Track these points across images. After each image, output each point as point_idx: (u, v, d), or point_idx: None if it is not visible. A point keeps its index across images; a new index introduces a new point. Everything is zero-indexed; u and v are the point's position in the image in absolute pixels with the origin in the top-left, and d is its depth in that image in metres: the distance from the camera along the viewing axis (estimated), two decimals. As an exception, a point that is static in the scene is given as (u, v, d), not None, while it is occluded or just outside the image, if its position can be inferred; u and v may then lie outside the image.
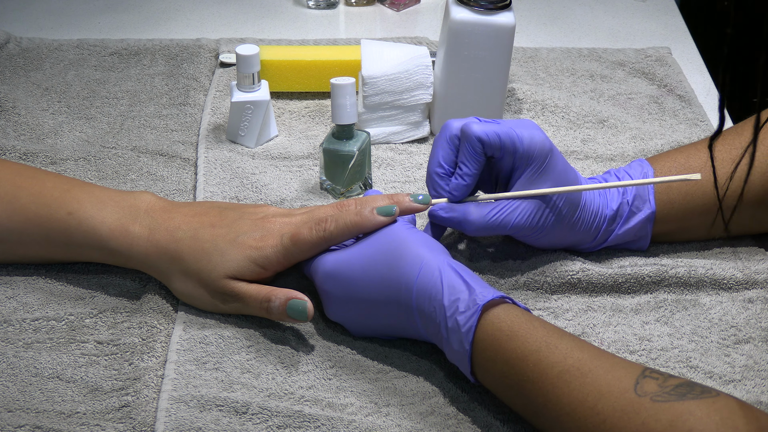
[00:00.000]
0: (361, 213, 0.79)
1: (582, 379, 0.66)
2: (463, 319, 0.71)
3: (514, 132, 0.82)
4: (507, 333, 0.70)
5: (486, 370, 0.71)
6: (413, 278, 0.74)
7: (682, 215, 0.88)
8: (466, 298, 0.72)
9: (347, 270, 0.77)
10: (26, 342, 0.80)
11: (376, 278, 0.76)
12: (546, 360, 0.68)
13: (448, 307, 0.72)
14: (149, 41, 1.27)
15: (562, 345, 0.68)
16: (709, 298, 0.86)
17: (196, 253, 0.81)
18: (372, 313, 0.77)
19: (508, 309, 0.72)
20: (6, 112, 1.11)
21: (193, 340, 0.80)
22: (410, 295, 0.74)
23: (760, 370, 0.78)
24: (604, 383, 0.65)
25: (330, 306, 0.80)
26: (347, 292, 0.77)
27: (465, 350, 0.71)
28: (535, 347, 0.69)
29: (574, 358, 0.67)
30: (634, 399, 0.63)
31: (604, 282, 0.86)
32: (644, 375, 0.65)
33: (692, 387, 0.64)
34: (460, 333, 0.71)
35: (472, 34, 1.00)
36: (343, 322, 0.80)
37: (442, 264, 0.74)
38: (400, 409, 0.74)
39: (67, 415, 0.73)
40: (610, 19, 1.41)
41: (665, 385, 0.64)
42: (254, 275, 0.80)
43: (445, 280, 0.73)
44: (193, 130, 1.10)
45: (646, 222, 0.88)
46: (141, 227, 0.83)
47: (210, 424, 0.72)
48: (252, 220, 0.83)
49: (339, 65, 1.13)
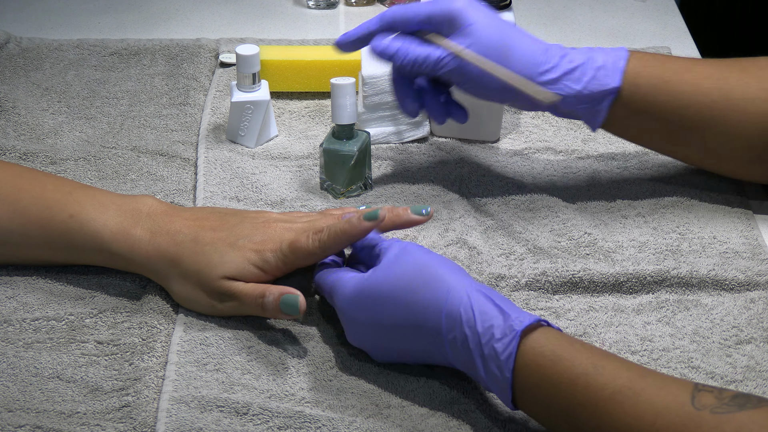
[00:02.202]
0: (350, 221, 0.78)
1: (635, 399, 0.64)
2: (501, 346, 0.69)
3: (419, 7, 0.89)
4: (550, 358, 0.68)
5: (530, 396, 0.69)
6: (441, 304, 0.72)
7: (644, 105, 0.91)
8: (501, 324, 0.70)
9: (371, 295, 0.75)
10: (26, 342, 0.80)
11: (402, 304, 0.74)
12: (596, 382, 0.66)
13: (483, 334, 0.70)
14: (149, 41, 1.27)
15: (609, 366, 0.67)
16: (711, 299, 0.85)
17: (196, 256, 0.81)
18: (399, 339, 0.75)
19: (546, 332, 0.70)
20: (6, 112, 1.11)
21: (194, 342, 0.80)
22: (439, 321, 0.72)
23: (762, 371, 0.78)
24: (659, 400, 0.63)
25: (353, 332, 0.78)
26: (371, 317, 0.75)
27: (506, 378, 0.69)
28: (582, 370, 0.67)
29: (624, 377, 0.66)
30: (693, 413, 0.62)
31: (605, 282, 0.86)
32: (698, 389, 0.64)
33: (748, 398, 0.63)
34: (498, 360, 0.69)
35: (473, 33, 1.00)
36: (367, 348, 0.78)
37: (469, 288, 0.72)
38: (401, 411, 0.74)
39: (67, 415, 0.73)
40: (610, 19, 1.41)
41: (722, 397, 0.63)
42: (253, 277, 0.80)
43: (475, 306, 0.71)
44: (193, 130, 1.10)
45: (607, 94, 0.90)
46: (142, 230, 0.83)
47: (211, 424, 0.72)
48: (253, 224, 0.83)
49: (339, 65, 1.13)
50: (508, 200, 0.98)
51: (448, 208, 0.97)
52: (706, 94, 0.91)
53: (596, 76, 0.90)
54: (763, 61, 0.93)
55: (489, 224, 0.94)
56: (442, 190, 1.00)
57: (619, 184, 1.00)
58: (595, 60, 0.91)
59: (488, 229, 0.94)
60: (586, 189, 1.00)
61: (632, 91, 0.91)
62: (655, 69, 0.92)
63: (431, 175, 1.02)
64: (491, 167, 1.03)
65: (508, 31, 0.90)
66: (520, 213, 0.96)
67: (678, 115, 0.91)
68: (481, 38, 0.89)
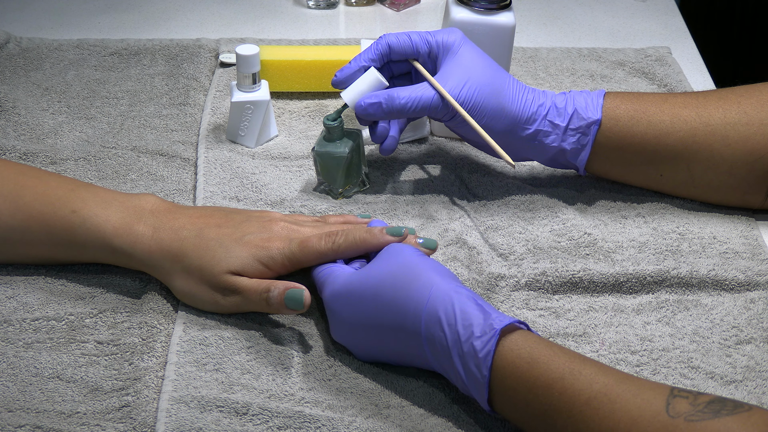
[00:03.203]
0: (371, 231, 0.80)
1: (611, 406, 0.64)
2: (480, 344, 0.69)
3: (416, 34, 0.93)
4: (527, 360, 0.68)
5: (506, 398, 0.69)
6: (422, 304, 0.73)
7: (624, 139, 0.92)
8: (481, 322, 0.70)
9: (356, 291, 0.76)
10: (26, 342, 0.80)
11: (384, 302, 0.74)
12: (572, 387, 0.66)
13: (462, 332, 0.70)
14: (149, 41, 1.27)
15: (585, 371, 0.67)
16: (711, 299, 0.86)
17: (200, 250, 0.81)
18: (379, 338, 0.76)
19: (525, 335, 0.70)
20: (6, 112, 1.11)
21: (193, 342, 0.80)
22: (419, 321, 0.73)
23: (762, 371, 0.78)
24: (634, 408, 0.63)
25: (337, 327, 0.78)
26: (355, 313, 0.76)
27: (483, 376, 0.69)
28: (559, 375, 0.67)
29: (600, 383, 0.66)
30: (667, 421, 0.62)
31: (605, 282, 0.86)
32: (673, 395, 0.64)
33: (724, 403, 0.63)
34: (477, 358, 0.69)
35: (472, 34, 1.00)
36: (349, 345, 0.79)
37: (452, 289, 0.73)
38: (401, 410, 0.74)
39: (67, 415, 0.73)
40: (610, 19, 1.41)
41: (696, 403, 0.63)
42: (257, 273, 0.80)
43: (457, 305, 0.71)
44: (193, 130, 1.10)
45: (590, 125, 0.91)
46: (145, 226, 0.83)
47: (211, 424, 0.72)
48: (259, 222, 0.83)
49: (339, 65, 1.13)
50: (508, 200, 0.98)
51: (448, 208, 0.97)
52: (686, 122, 0.91)
53: (577, 111, 0.92)
54: (741, 89, 0.94)
55: (489, 224, 0.94)
56: (442, 190, 1.00)
57: (619, 184, 1.00)
58: (576, 99, 0.93)
59: (488, 229, 0.94)
60: (586, 189, 1.00)
61: (612, 124, 0.92)
62: (632, 102, 0.93)
63: (431, 175, 1.02)
64: (491, 167, 1.03)
65: (499, 74, 0.93)
66: (520, 213, 0.96)
67: (659, 145, 0.92)
68: (477, 77, 0.91)
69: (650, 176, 0.95)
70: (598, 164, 0.95)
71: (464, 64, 0.91)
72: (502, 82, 0.92)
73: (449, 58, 0.92)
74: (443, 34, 0.93)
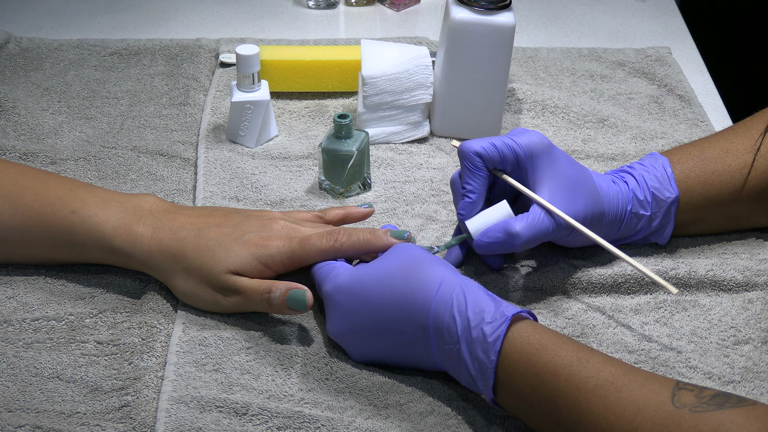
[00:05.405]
0: (375, 232, 0.80)
1: (617, 394, 0.65)
2: (490, 329, 0.70)
3: (509, 139, 0.83)
4: (536, 346, 0.69)
5: (512, 385, 0.70)
6: (432, 293, 0.73)
7: (701, 204, 0.88)
8: (492, 309, 0.71)
9: (362, 282, 0.76)
10: (26, 342, 0.80)
11: (392, 291, 0.74)
12: (579, 374, 0.67)
13: (473, 317, 0.71)
14: (149, 41, 1.27)
15: (593, 360, 0.68)
16: (709, 299, 0.86)
17: (200, 250, 0.81)
18: (381, 332, 0.76)
19: (534, 325, 0.71)
20: (6, 112, 1.11)
21: (193, 342, 0.80)
22: (427, 309, 0.73)
23: (759, 372, 0.78)
24: (640, 397, 0.64)
25: (335, 322, 0.78)
26: (358, 305, 0.76)
27: (491, 361, 0.70)
28: (566, 361, 0.68)
29: (607, 372, 0.66)
30: (673, 411, 0.62)
31: (603, 282, 0.86)
32: (679, 387, 0.64)
33: (728, 397, 0.63)
34: (485, 343, 0.70)
35: (472, 34, 1.00)
36: (345, 343, 0.79)
37: (463, 281, 0.74)
38: (400, 410, 0.74)
39: (67, 415, 0.74)
40: (610, 19, 1.41)
41: (701, 396, 0.63)
42: (256, 272, 0.80)
43: (469, 294, 0.72)
44: (193, 130, 1.10)
45: (670, 205, 0.87)
46: (145, 227, 0.83)
47: (210, 424, 0.72)
48: (258, 221, 0.83)
49: (339, 65, 1.13)
50: (507, 200, 0.98)
51: (448, 208, 0.97)
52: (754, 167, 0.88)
53: (654, 195, 0.87)
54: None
55: (488, 224, 0.94)
56: (442, 190, 1.00)
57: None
58: (646, 178, 0.88)
59: (487, 230, 0.94)
60: (586, 189, 1.00)
61: (688, 196, 0.89)
62: (699, 161, 0.89)
63: (431, 175, 1.02)
64: (490, 167, 1.03)
65: (589, 175, 0.87)
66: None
67: (734, 202, 0.89)
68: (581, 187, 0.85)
69: (739, 220, 0.93)
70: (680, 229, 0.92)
71: (562, 174, 0.84)
72: (593, 184, 0.86)
73: (542, 165, 0.84)
74: (525, 138, 0.84)
